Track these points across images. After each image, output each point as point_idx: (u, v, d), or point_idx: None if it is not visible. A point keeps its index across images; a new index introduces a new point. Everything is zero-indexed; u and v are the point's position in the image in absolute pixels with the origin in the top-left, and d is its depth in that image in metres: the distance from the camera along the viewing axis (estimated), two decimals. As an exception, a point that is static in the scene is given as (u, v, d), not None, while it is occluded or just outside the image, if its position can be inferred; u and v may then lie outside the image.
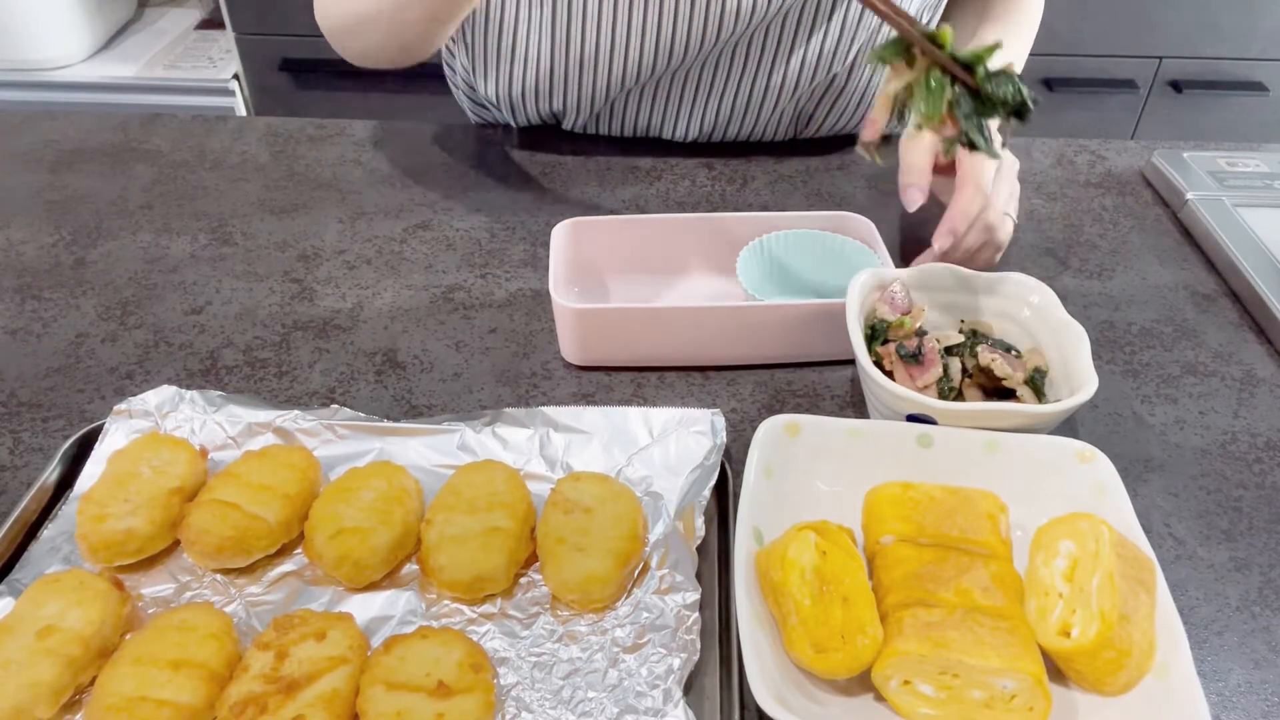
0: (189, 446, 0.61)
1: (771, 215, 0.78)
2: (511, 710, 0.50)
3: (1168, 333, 0.78)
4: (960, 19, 1.00)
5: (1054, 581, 0.52)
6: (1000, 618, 0.50)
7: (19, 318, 0.76)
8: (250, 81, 1.82)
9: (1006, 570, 0.54)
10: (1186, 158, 0.96)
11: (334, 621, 0.52)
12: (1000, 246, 0.78)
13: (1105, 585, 0.49)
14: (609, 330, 0.70)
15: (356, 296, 0.80)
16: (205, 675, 0.49)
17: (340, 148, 0.99)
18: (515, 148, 1.00)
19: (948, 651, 0.48)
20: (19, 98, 1.78)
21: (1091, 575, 0.50)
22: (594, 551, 0.54)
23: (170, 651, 0.49)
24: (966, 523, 0.55)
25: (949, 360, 0.65)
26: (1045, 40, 0.99)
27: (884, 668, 0.49)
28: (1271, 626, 0.57)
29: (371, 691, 0.49)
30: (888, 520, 0.56)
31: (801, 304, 0.70)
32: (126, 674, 0.48)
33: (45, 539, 0.58)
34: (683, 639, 0.52)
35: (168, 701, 0.47)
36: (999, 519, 0.56)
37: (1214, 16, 1.71)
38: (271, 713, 0.47)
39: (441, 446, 0.64)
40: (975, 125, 0.57)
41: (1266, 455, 0.68)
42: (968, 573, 0.52)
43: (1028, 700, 0.48)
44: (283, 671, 0.49)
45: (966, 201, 0.74)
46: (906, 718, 0.50)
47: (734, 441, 0.66)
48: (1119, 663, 0.49)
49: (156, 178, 0.94)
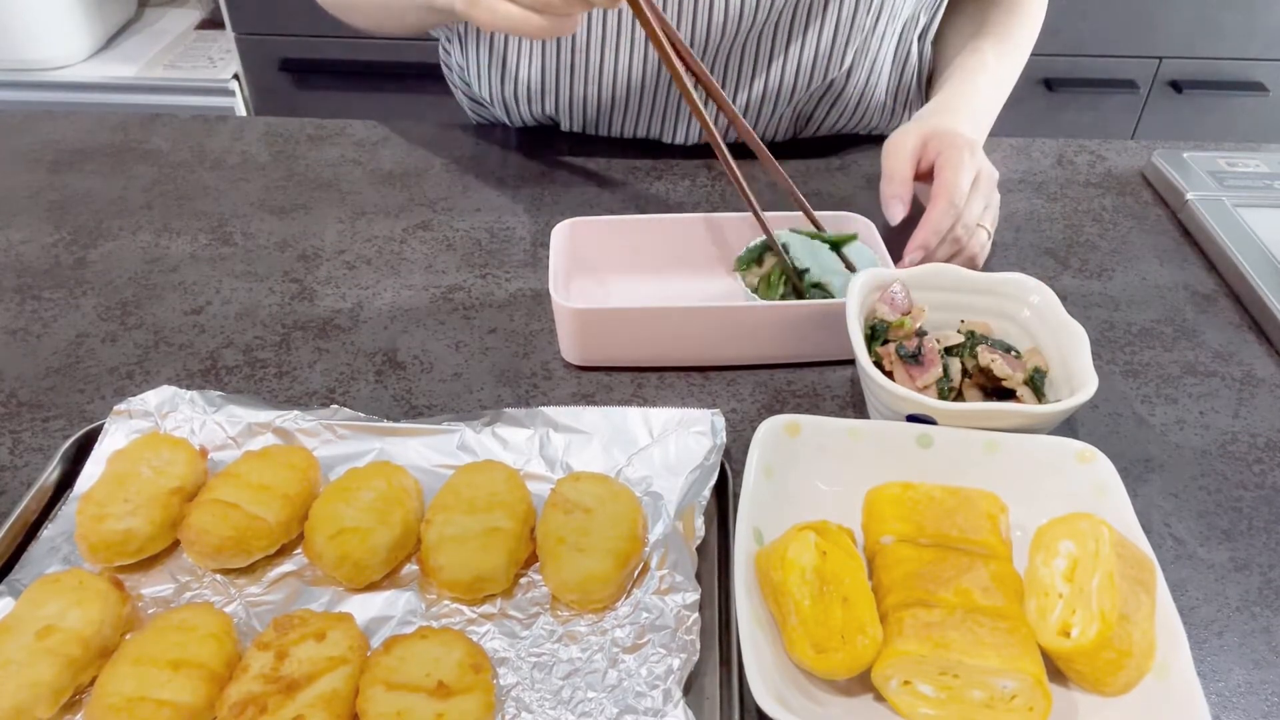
0: (189, 446, 0.61)
1: (771, 215, 0.78)
2: (511, 710, 0.50)
3: (1168, 333, 0.78)
4: (958, 26, 0.99)
5: (1054, 581, 0.52)
6: (1000, 618, 0.50)
7: (19, 318, 0.76)
8: (250, 81, 1.82)
9: (1006, 570, 0.54)
10: (1186, 158, 0.96)
11: (334, 622, 0.52)
12: (973, 257, 0.78)
13: (1105, 585, 0.49)
14: (609, 330, 0.70)
15: (356, 296, 0.80)
16: (205, 675, 0.49)
17: (340, 148, 0.99)
18: (515, 148, 1.00)
19: (948, 652, 0.48)
20: (19, 98, 1.78)
21: (1091, 575, 0.50)
22: (594, 552, 0.54)
23: (170, 651, 0.49)
24: (966, 523, 0.55)
25: (949, 360, 0.65)
26: (1045, 40, 0.99)
27: (884, 668, 0.49)
28: (1271, 627, 0.57)
29: (371, 692, 0.49)
30: (888, 520, 0.56)
31: (801, 304, 0.70)
32: (126, 674, 0.48)
33: (45, 539, 0.58)
34: (682, 639, 0.52)
35: (168, 701, 0.47)
36: (999, 519, 0.56)
37: (1214, 16, 1.71)
38: (271, 713, 0.47)
39: (441, 446, 0.64)
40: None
41: (1266, 455, 0.68)
42: (968, 573, 0.52)
43: (1028, 700, 0.48)
44: (282, 671, 0.49)
45: (938, 216, 0.75)
46: (906, 718, 0.50)
47: (734, 441, 0.66)
48: (1119, 663, 0.49)
49: (156, 178, 0.94)
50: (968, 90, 0.89)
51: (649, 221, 0.80)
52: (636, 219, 0.80)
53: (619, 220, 0.80)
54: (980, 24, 0.96)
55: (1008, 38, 0.94)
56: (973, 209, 0.77)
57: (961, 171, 0.76)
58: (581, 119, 0.98)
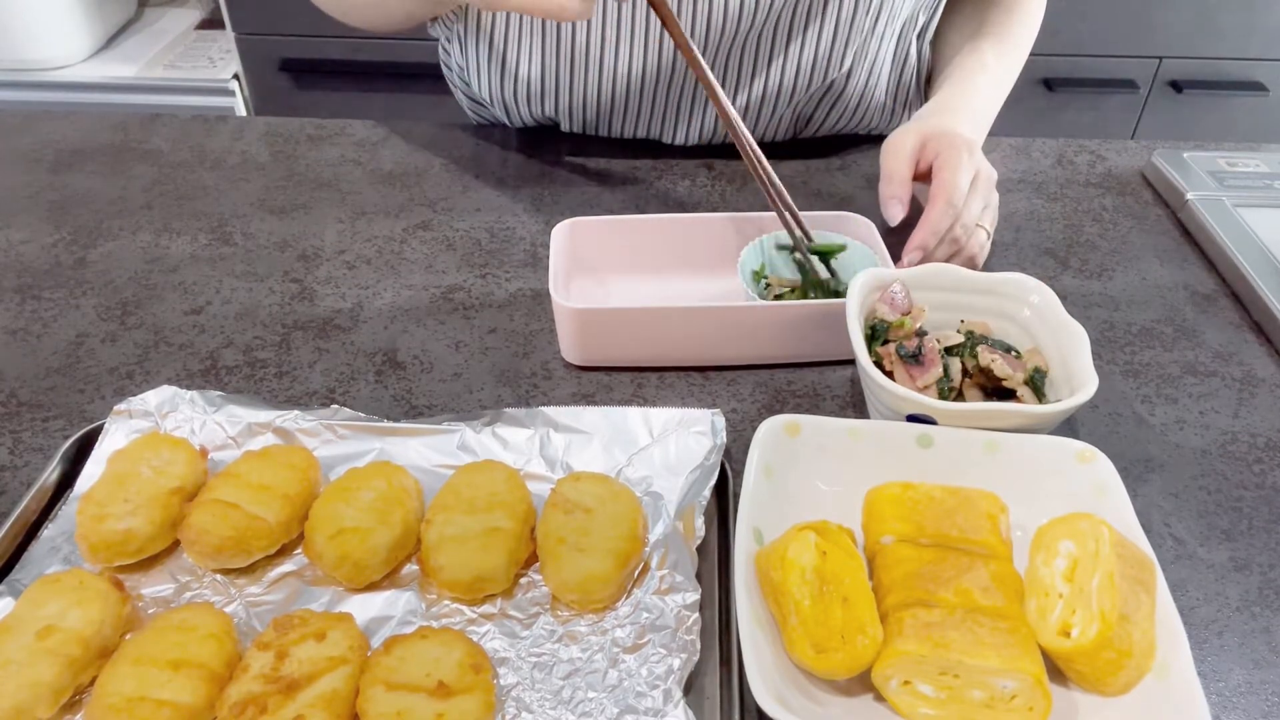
0: (189, 446, 0.61)
1: (771, 215, 0.78)
2: (511, 710, 0.50)
3: (1168, 333, 0.78)
4: (957, 26, 0.99)
5: (1054, 581, 0.52)
6: (1000, 618, 0.50)
7: (19, 318, 0.76)
8: (250, 81, 1.82)
9: (1006, 570, 0.54)
10: (1186, 158, 0.96)
11: (334, 622, 0.52)
12: (972, 258, 0.79)
13: (1105, 585, 0.49)
14: (609, 330, 0.70)
15: (356, 296, 0.80)
16: (205, 675, 0.49)
17: (340, 148, 0.99)
18: (515, 148, 1.00)
19: (948, 652, 0.48)
20: (19, 98, 1.78)
21: (1091, 575, 0.50)
22: (594, 552, 0.54)
23: (170, 651, 0.49)
24: (966, 523, 0.55)
25: (949, 360, 0.65)
26: (1045, 40, 0.99)
27: (884, 668, 0.49)
28: (1271, 627, 0.57)
29: (372, 692, 0.49)
30: (888, 520, 0.56)
31: (801, 304, 0.70)
32: (127, 674, 0.48)
33: (45, 539, 0.58)
34: (683, 639, 0.52)
35: (168, 701, 0.47)
36: (999, 519, 0.56)
37: (1214, 16, 1.71)
38: (271, 713, 0.47)
39: (441, 446, 0.64)
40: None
41: (1266, 455, 0.68)
42: (968, 573, 0.52)
43: (1028, 700, 0.48)
44: (283, 671, 0.49)
45: (937, 216, 0.75)
46: (906, 718, 0.50)
47: (734, 441, 0.66)
48: (1119, 663, 0.49)
49: (156, 178, 0.94)
50: (967, 90, 0.89)
51: (649, 221, 0.80)
52: (636, 219, 0.80)
53: (619, 220, 0.80)
54: (979, 23, 0.96)
55: (1007, 37, 0.94)
56: (971, 209, 0.77)
57: (960, 172, 0.76)
58: (581, 119, 0.97)
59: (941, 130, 0.80)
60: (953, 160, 0.76)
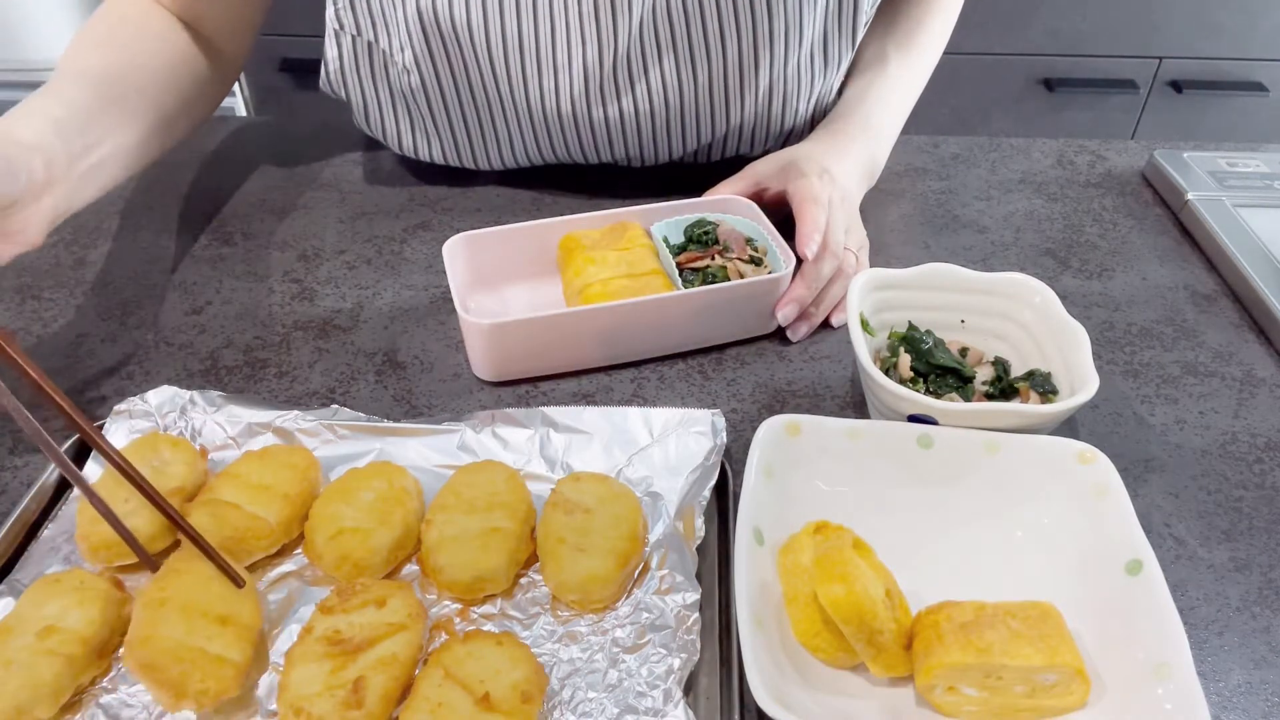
0: (189, 446, 0.61)
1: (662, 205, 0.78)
2: (512, 710, 0.50)
3: (1168, 333, 0.78)
4: (869, 36, 0.95)
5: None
6: (1024, 607, 0.51)
7: (19, 318, 0.76)
8: (250, 81, 1.82)
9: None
10: (1186, 158, 0.96)
11: (393, 590, 0.53)
12: (846, 277, 0.76)
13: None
14: (519, 342, 0.68)
15: (356, 296, 0.80)
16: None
17: (340, 148, 0.99)
18: (515, 148, 1.00)
19: (990, 656, 0.48)
20: (19, 98, 1.77)
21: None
22: (594, 552, 0.54)
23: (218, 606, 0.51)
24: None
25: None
26: (1045, 40, 0.99)
27: (929, 679, 0.49)
28: (1272, 627, 0.57)
29: (432, 671, 0.49)
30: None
31: (725, 286, 0.70)
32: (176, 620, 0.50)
33: (45, 539, 0.58)
34: (683, 639, 0.52)
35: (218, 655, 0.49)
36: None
37: (1214, 16, 1.71)
38: (334, 673, 0.48)
39: (441, 447, 0.64)
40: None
41: (1267, 455, 0.68)
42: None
43: (1067, 686, 0.49)
44: (345, 634, 0.50)
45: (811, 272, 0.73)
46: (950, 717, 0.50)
47: (734, 441, 0.66)
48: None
49: (156, 178, 0.94)
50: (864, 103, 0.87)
51: (536, 228, 0.77)
52: (522, 227, 0.77)
53: (509, 230, 0.77)
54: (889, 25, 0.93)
55: (915, 49, 0.92)
56: (836, 238, 0.75)
57: (818, 210, 0.75)
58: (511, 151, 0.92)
59: (799, 159, 0.80)
60: (807, 202, 0.75)
